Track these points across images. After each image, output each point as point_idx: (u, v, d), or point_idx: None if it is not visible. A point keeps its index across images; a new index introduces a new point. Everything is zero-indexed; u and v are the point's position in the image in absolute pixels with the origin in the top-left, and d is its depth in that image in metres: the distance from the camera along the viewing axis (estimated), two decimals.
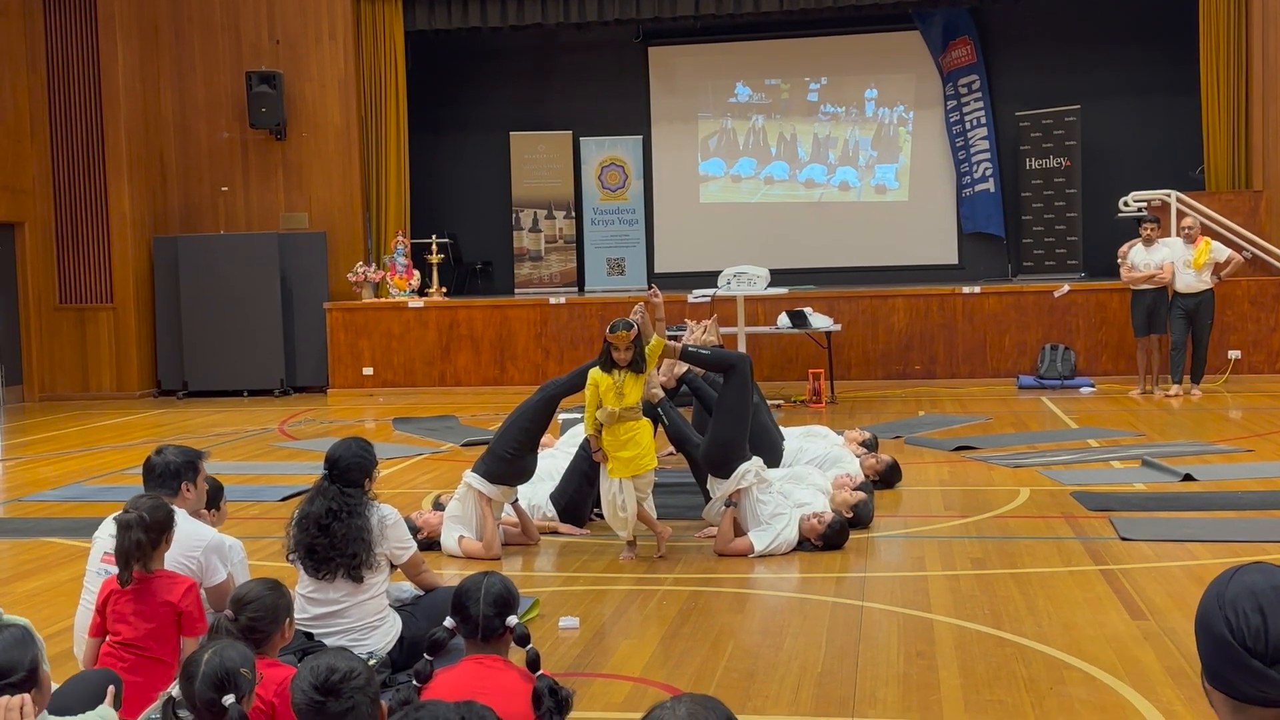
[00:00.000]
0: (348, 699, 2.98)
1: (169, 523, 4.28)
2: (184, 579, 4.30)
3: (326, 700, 2.98)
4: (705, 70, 18.07)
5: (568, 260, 18.11)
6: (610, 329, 6.53)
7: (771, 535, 6.68)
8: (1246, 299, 13.71)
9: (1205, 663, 1.87)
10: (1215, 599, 1.85)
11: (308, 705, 3.00)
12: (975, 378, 14.23)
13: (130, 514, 4.20)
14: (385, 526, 4.97)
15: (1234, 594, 1.84)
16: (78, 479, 9.75)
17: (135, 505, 4.26)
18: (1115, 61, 16.79)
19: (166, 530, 4.26)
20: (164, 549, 4.30)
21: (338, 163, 16.24)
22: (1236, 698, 1.83)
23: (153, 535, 4.20)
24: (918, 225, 17.53)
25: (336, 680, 2.99)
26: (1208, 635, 1.85)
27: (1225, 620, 1.82)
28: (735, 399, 6.96)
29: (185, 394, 15.57)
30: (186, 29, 16.36)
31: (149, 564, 4.23)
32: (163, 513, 4.27)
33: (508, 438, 6.97)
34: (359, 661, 3.14)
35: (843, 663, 4.91)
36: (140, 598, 4.19)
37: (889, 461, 8.43)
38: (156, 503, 4.32)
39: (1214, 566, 6.01)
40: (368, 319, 15.36)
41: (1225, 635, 1.81)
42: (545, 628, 5.44)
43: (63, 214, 15.83)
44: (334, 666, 3.03)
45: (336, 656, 3.13)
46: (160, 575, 4.25)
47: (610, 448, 6.57)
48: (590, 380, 6.60)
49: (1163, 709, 4.32)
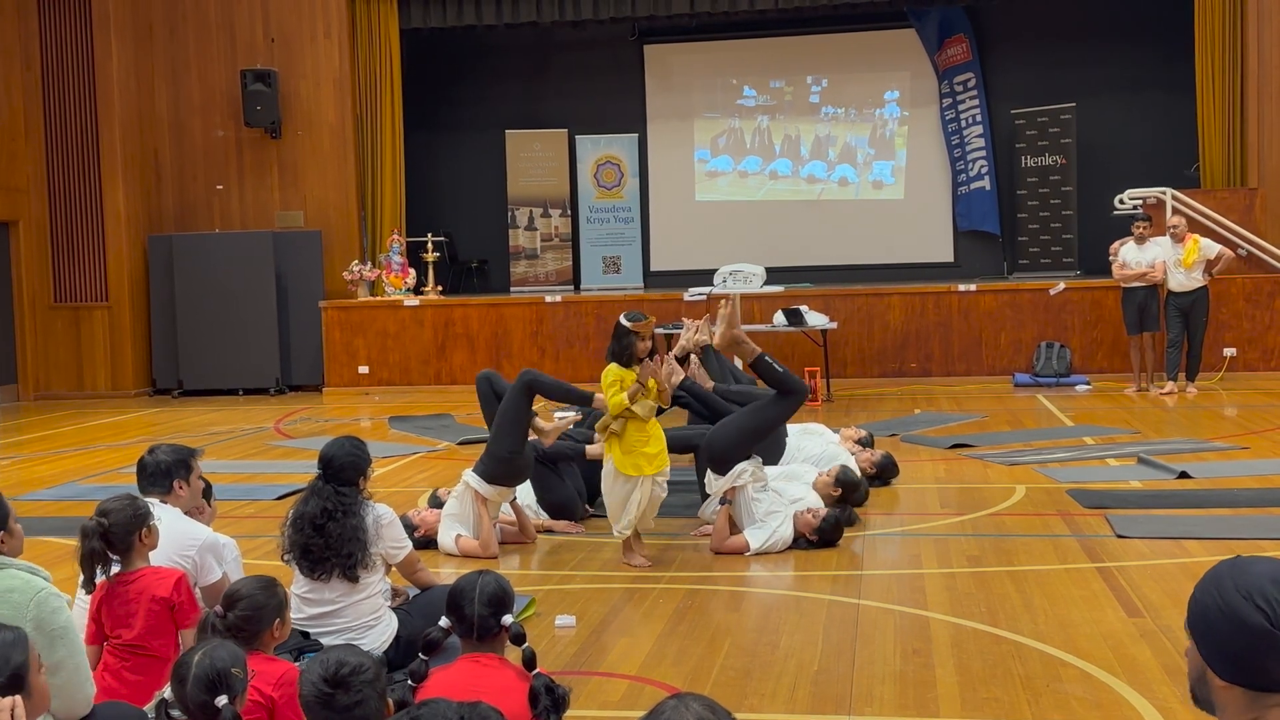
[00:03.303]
0: (356, 692, 3.00)
1: (138, 522, 4.21)
2: (171, 571, 4.26)
3: (335, 693, 2.99)
4: (701, 68, 18.06)
5: (563, 258, 18.10)
6: (631, 317, 6.37)
7: (767, 533, 6.67)
8: (1242, 296, 13.72)
9: (1225, 658, 1.86)
10: (1234, 593, 1.85)
11: (316, 697, 3.01)
12: (971, 375, 14.23)
13: (90, 522, 4.17)
14: (381, 526, 4.97)
15: (1258, 584, 1.84)
16: (72, 478, 9.73)
17: (101, 509, 4.21)
18: (1111, 59, 16.79)
19: (134, 530, 4.19)
20: (145, 546, 4.25)
21: (333, 161, 16.22)
22: (1262, 687, 1.83)
23: (118, 539, 4.16)
24: (913, 223, 17.53)
25: (346, 674, 3.01)
26: (1238, 628, 1.84)
27: (1258, 609, 1.82)
28: (775, 416, 6.90)
29: (180, 393, 15.55)
30: (181, 27, 16.33)
31: (131, 563, 4.21)
32: (126, 515, 4.19)
33: (503, 438, 6.94)
34: (368, 657, 3.15)
35: (839, 661, 4.91)
36: (131, 598, 4.17)
37: (884, 456, 8.42)
38: (121, 504, 4.24)
39: (1210, 564, 5.95)
40: (363, 317, 15.34)
41: (1263, 625, 1.81)
42: (542, 626, 5.43)
43: (57, 213, 15.80)
44: (344, 660, 3.05)
45: (347, 651, 3.15)
46: (146, 572, 4.22)
47: (636, 444, 6.38)
48: (613, 374, 6.36)
49: (1159, 706, 4.32)
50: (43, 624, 3.45)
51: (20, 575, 3.58)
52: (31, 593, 3.53)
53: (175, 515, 4.66)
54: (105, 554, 4.16)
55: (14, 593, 3.51)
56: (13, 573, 3.58)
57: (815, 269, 16.71)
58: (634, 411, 6.32)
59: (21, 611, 3.39)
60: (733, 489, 6.72)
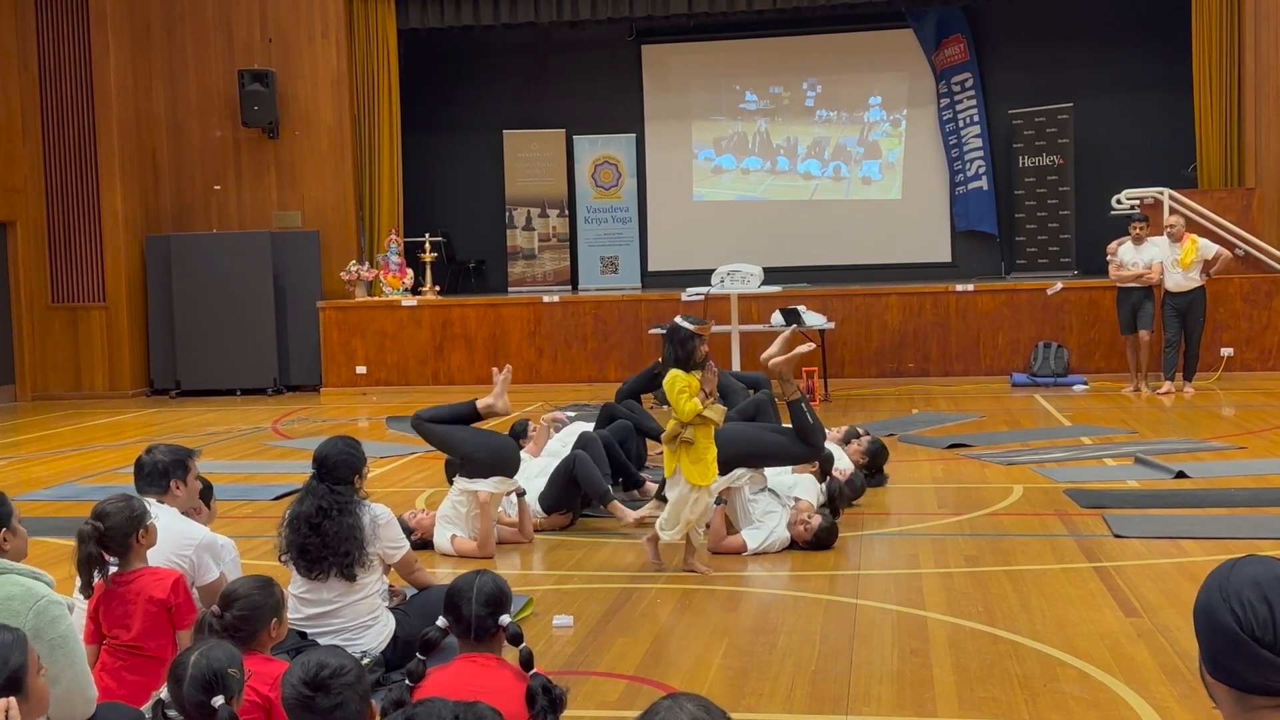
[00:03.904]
0: (336, 695, 2.98)
1: (135, 524, 4.19)
2: (169, 572, 4.25)
3: (315, 696, 2.97)
4: (699, 68, 18.06)
5: (561, 259, 18.10)
6: (691, 320, 6.20)
7: (764, 533, 6.67)
8: (1239, 296, 13.73)
9: (1209, 656, 1.87)
10: (1217, 592, 1.85)
11: (296, 700, 3.00)
12: (969, 375, 14.24)
13: (86, 526, 4.16)
14: (378, 526, 4.96)
15: (1236, 586, 1.84)
16: (70, 478, 9.73)
17: (97, 512, 4.20)
18: (1108, 59, 16.80)
19: (131, 532, 4.18)
20: (143, 547, 4.23)
21: (330, 161, 16.21)
22: (1242, 689, 1.83)
23: (115, 542, 4.15)
24: (911, 223, 17.53)
25: (326, 676, 2.99)
26: (1212, 628, 1.84)
27: (1232, 612, 1.82)
28: (783, 453, 6.80)
29: (178, 393, 15.54)
30: (179, 27, 16.32)
31: (129, 563, 4.21)
32: (122, 517, 4.18)
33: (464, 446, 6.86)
34: (350, 659, 3.13)
35: (837, 660, 4.91)
36: (129, 599, 4.16)
37: (871, 441, 8.27)
38: (118, 506, 4.22)
39: (1207, 563, 6.01)
40: (361, 318, 15.34)
41: (1233, 627, 1.81)
42: (539, 626, 5.43)
43: (55, 213, 15.79)
44: (324, 663, 3.02)
45: (328, 653, 3.12)
46: (144, 573, 4.21)
47: (704, 451, 6.18)
48: (681, 381, 6.10)
49: (1156, 705, 4.32)
50: (41, 633, 3.42)
51: (21, 582, 3.55)
52: (31, 601, 3.50)
53: (173, 515, 4.66)
54: (102, 558, 4.14)
55: (13, 600, 3.49)
56: (13, 578, 3.55)
57: (813, 269, 16.70)
58: (707, 417, 6.11)
59: (19, 621, 3.35)
60: (728, 489, 6.71)
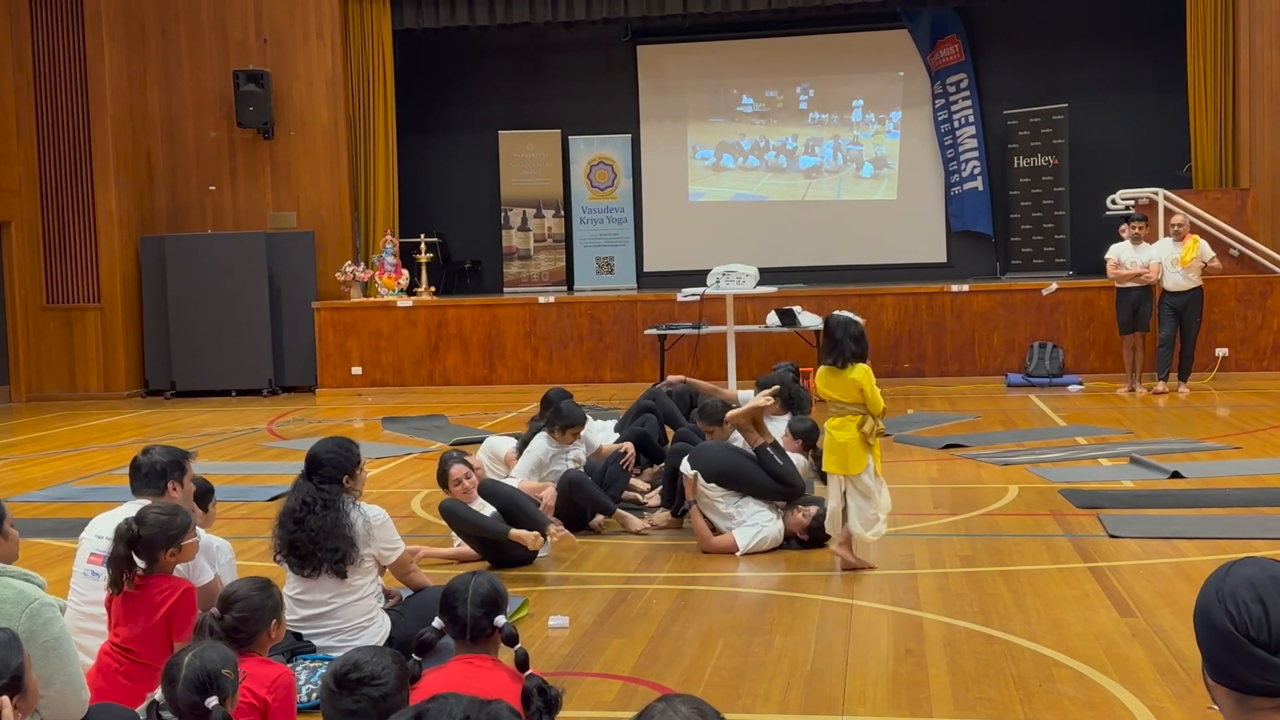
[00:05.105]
0: (356, 701, 2.98)
1: (167, 542, 4.13)
2: (180, 583, 4.22)
3: (339, 692, 3.00)
4: (694, 69, 18.07)
5: (557, 259, 18.09)
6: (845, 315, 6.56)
7: (754, 532, 6.68)
8: (1234, 296, 13.75)
9: (1208, 658, 1.87)
10: (1214, 593, 1.86)
11: (324, 688, 3.05)
12: (964, 376, 14.25)
13: (123, 524, 4.14)
14: (373, 527, 4.97)
15: (1232, 586, 1.85)
16: (65, 479, 9.72)
17: (140, 515, 4.17)
18: (1103, 60, 16.82)
19: (161, 548, 4.12)
20: (172, 563, 4.19)
21: (326, 162, 16.20)
22: (1242, 690, 1.84)
23: (143, 550, 4.11)
24: (906, 224, 17.55)
25: (354, 678, 3.00)
26: (1209, 630, 1.85)
27: (1226, 613, 1.82)
28: (759, 487, 6.77)
29: (173, 394, 15.52)
30: (173, 28, 16.30)
31: (154, 570, 4.17)
32: (157, 530, 4.12)
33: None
34: (393, 671, 3.05)
35: (832, 661, 4.92)
36: (136, 601, 4.15)
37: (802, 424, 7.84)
38: (159, 519, 4.16)
39: (1202, 563, 6.02)
40: (356, 318, 15.32)
41: (1228, 627, 1.81)
42: (535, 627, 5.43)
43: (49, 214, 15.76)
44: (361, 663, 3.03)
45: (375, 655, 3.09)
46: (157, 580, 4.17)
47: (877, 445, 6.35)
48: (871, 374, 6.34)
49: (1151, 705, 4.32)
50: (34, 636, 3.41)
51: (13, 585, 3.54)
52: (24, 604, 3.49)
53: None
54: (130, 559, 4.10)
55: (6, 604, 3.49)
56: (6, 581, 3.55)
57: (808, 269, 16.72)
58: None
59: (13, 624, 3.35)
60: (699, 491, 6.76)
